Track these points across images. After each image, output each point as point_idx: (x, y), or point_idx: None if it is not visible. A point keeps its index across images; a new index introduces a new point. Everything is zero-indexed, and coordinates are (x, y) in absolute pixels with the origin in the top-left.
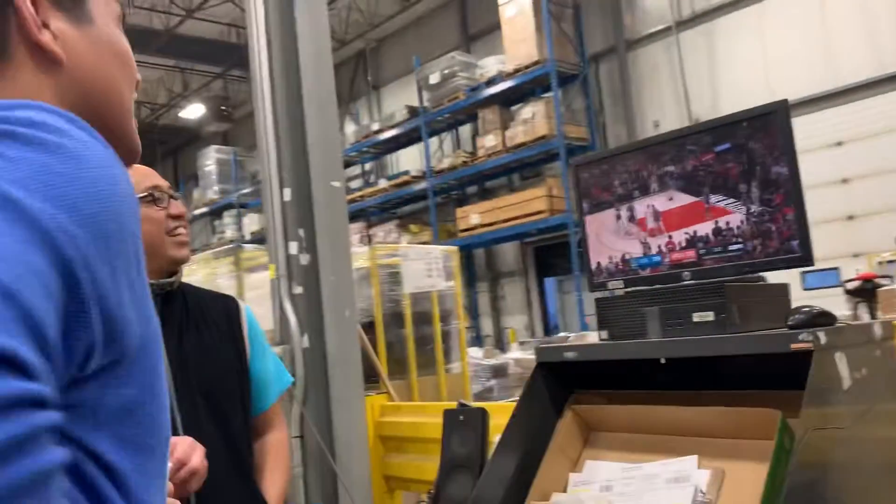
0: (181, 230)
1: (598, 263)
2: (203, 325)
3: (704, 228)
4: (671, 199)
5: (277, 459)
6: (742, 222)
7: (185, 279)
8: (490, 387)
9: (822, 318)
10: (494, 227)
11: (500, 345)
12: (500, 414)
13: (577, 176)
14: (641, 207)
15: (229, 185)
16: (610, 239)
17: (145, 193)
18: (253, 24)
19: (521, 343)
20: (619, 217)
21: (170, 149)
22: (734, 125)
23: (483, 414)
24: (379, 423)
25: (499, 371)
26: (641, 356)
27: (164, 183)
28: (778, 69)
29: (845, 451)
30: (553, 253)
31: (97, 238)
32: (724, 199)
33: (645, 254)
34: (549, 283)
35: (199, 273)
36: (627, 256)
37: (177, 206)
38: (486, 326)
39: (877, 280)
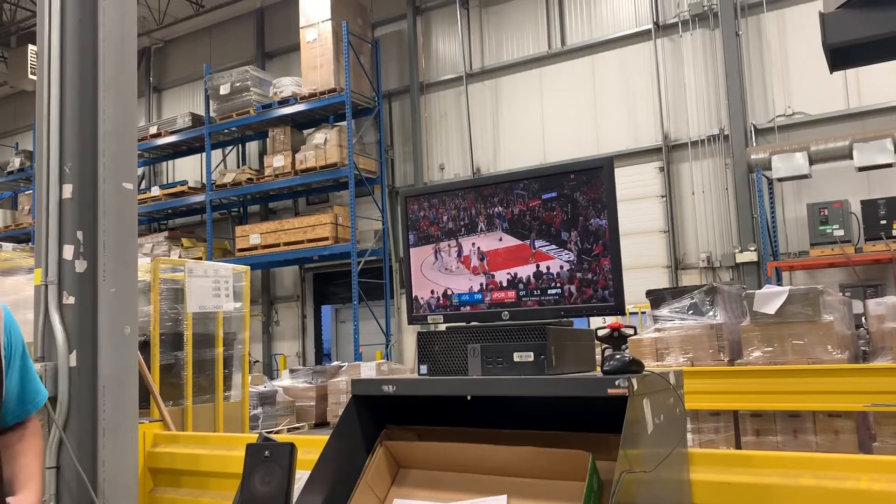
0: None
1: (419, 296)
2: None
3: (526, 271)
4: (500, 239)
5: (33, 442)
6: (562, 268)
7: None
8: (256, 415)
9: (634, 366)
10: (275, 250)
11: (269, 371)
12: (305, 447)
13: (407, 207)
14: (467, 245)
15: None
16: (433, 273)
17: None
18: None
19: (292, 371)
20: (445, 252)
21: None
22: (562, 175)
23: (291, 449)
24: (151, 454)
25: (266, 399)
26: (463, 393)
27: None
28: (553, 131)
29: (649, 494)
30: (333, 281)
31: None
32: (547, 245)
33: (469, 290)
34: (326, 310)
35: None
36: (450, 292)
37: None
38: (256, 352)
39: (623, 329)
